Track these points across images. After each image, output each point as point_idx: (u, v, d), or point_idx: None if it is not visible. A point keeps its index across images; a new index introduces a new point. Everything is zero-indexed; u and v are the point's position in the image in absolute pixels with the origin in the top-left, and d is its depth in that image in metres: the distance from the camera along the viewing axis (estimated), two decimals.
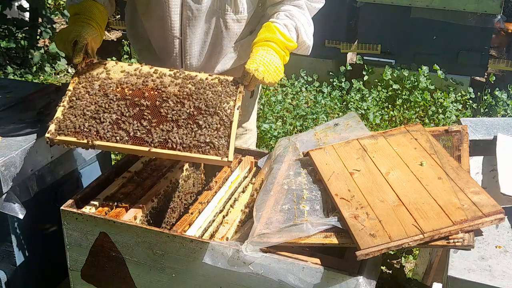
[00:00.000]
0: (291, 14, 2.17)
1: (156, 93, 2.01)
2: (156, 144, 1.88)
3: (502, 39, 5.87)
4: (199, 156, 1.88)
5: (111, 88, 2.02)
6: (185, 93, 2.00)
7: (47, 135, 1.92)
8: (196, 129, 1.91)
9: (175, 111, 1.95)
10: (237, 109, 1.99)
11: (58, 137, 1.91)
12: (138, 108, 1.96)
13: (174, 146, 1.87)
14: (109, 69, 2.10)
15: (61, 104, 1.99)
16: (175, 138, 1.88)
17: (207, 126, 1.92)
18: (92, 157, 2.52)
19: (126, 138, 1.90)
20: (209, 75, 2.10)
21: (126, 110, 1.95)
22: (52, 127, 1.93)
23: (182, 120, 1.93)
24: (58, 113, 1.96)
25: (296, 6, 2.21)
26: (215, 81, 2.07)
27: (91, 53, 2.13)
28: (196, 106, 1.96)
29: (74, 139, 1.91)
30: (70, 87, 2.03)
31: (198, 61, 2.35)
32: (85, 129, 1.91)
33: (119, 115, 1.94)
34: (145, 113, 1.95)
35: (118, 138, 1.90)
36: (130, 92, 2.01)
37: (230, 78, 2.09)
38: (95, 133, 1.90)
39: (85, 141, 1.90)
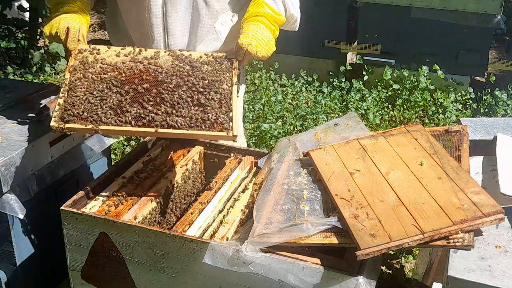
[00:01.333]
0: None
1: (154, 74, 2.00)
2: (160, 125, 1.88)
3: None
4: (205, 133, 1.89)
5: (109, 73, 2.01)
6: (183, 73, 2.01)
7: (52, 123, 1.89)
8: (199, 107, 1.92)
9: (175, 92, 1.95)
10: (235, 84, 2.03)
11: (62, 125, 1.89)
12: (138, 91, 1.95)
13: (179, 126, 1.88)
14: (103, 54, 2.10)
15: (61, 93, 1.97)
16: (179, 117, 1.89)
17: (209, 104, 1.93)
18: (92, 157, 2.52)
19: (130, 120, 1.89)
20: (204, 54, 2.14)
21: (127, 93, 1.94)
22: (55, 114, 1.91)
23: (183, 100, 1.93)
24: (60, 101, 1.95)
25: None
26: (210, 58, 2.12)
27: (82, 40, 2.13)
28: (195, 84, 1.98)
29: (78, 126, 1.89)
30: (67, 76, 2.02)
31: (181, 42, 2.34)
32: (88, 116, 1.90)
33: (120, 99, 1.93)
34: (146, 96, 1.93)
35: (122, 121, 1.89)
36: (128, 75, 2.00)
37: (224, 55, 2.15)
38: (98, 118, 1.89)
39: (90, 126, 1.89)
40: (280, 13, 2.24)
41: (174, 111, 1.90)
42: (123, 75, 2.01)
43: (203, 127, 1.89)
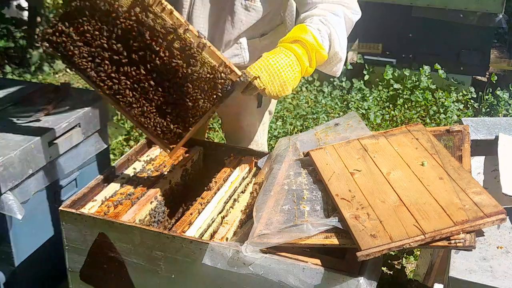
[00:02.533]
0: (326, 19, 1.89)
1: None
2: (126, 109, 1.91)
3: None
4: (150, 136, 1.97)
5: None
6: (174, 65, 1.85)
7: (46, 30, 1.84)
8: (162, 111, 1.91)
9: (157, 87, 1.88)
10: (213, 113, 1.91)
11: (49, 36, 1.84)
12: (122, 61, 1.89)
13: (134, 118, 1.92)
14: None
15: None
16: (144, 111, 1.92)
17: (173, 114, 1.91)
18: (91, 157, 2.52)
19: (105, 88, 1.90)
20: (224, 58, 1.85)
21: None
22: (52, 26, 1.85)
23: (158, 98, 1.90)
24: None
25: (332, 12, 1.93)
26: (221, 68, 1.84)
27: None
28: (177, 85, 1.87)
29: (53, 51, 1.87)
30: None
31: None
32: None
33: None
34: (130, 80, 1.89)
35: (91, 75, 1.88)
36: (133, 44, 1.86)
37: (239, 74, 1.84)
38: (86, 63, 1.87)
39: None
40: (324, 47, 1.87)
41: (144, 104, 1.90)
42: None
43: (152, 132, 1.94)
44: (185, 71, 1.84)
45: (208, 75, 1.85)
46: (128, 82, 1.88)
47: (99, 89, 1.91)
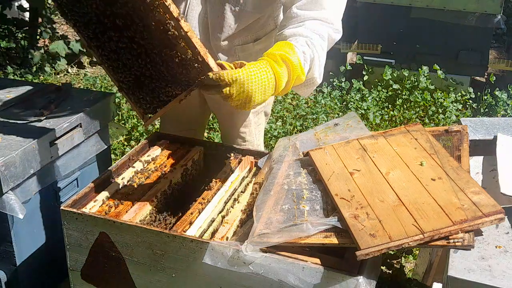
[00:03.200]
0: (312, 43, 1.84)
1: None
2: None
3: None
4: (130, 102, 1.97)
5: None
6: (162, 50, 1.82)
7: None
8: (141, 82, 1.91)
9: (136, 58, 1.87)
10: (185, 97, 1.83)
11: None
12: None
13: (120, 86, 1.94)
14: None
15: None
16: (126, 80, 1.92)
17: (149, 87, 1.90)
18: (92, 157, 2.53)
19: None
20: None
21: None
22: None
23: (136, 69, 1.89)
24: None
25: (318, 34, 1.88)
26: (193, 52, 1.77)
27: None
28: (154, 61, 1.84)
29: None
30: None
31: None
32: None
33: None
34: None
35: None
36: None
37: (210, 66, 1.74)
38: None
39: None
40: (305, 72, 1.80)
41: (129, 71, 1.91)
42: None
43: (130, 98, 1.94)
44: (160, 51, 1.80)
45: (182, 62, 1.78)
46: (112, 47, 1.89)
47: (90, 49, 1.95)
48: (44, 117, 2.31)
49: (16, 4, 5.76)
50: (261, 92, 1.71)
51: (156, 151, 2.30)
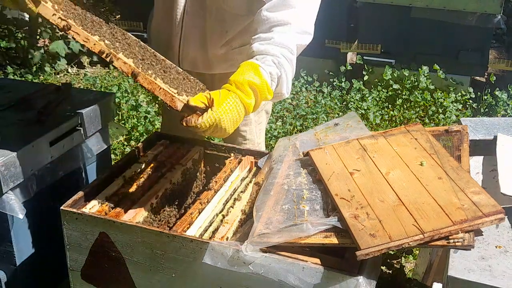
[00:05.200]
0: (279, 62, 1.88)
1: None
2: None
3: None
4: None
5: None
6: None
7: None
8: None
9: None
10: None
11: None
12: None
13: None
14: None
15: None
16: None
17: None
18: (92, 157, 2.53)
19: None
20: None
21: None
22: None
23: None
24: None
25: (286, 47, 1.90)
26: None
27: None
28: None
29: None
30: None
31: (194, 47, 2.31)
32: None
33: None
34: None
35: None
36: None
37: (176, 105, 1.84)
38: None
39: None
40: (272, 91, 1.86)
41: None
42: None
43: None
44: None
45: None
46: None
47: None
48: (44, 117, 2.31)
49: None
50: (232, 125, 1.80)
51: (156, 151, 2.30)
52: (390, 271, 2.92)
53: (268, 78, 1.84)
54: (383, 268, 2.90)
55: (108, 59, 1.84)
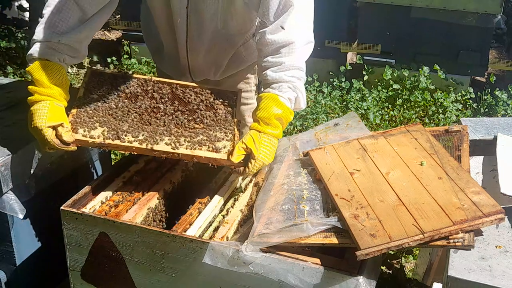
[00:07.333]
0: (295, 86, 2.03)
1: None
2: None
3: None
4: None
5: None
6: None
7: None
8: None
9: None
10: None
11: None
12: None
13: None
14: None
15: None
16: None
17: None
18: (92, 157, 2.52)
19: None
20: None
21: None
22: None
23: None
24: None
25: (297, 68, 2.04)
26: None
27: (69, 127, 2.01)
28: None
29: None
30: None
31: (203, 57, 2.34)
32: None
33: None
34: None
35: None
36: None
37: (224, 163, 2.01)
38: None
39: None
40: (293, 112, 2.04)
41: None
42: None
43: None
44: None
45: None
46: None
47: None
48: None
49: (16, 4, 5.76)
50: (272, 158, 1.99)
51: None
52: (390, 271, 2.91)
53: (288, 103, 2.00)
54: (383, 268, 2.90)
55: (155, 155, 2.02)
